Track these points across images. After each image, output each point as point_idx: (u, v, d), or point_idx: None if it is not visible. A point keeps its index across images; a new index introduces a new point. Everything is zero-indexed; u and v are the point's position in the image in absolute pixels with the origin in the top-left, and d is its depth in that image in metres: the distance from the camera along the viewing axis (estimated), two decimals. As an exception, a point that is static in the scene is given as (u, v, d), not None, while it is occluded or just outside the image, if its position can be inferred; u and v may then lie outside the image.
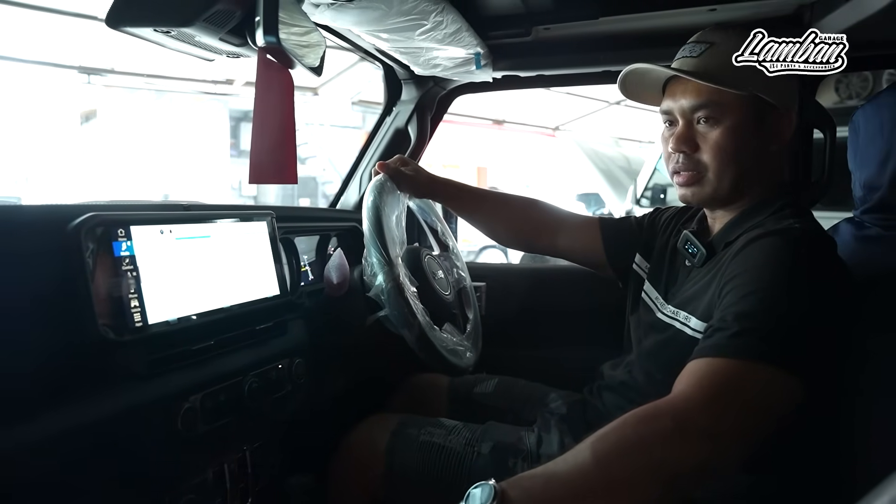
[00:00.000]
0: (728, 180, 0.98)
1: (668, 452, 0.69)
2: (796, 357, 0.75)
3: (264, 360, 1.07)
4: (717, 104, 0.96)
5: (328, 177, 9.68)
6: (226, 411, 0.96)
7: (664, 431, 0.70)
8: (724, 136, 0.96)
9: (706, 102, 0.97)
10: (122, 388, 0.83)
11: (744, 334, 0.77)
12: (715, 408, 0.72)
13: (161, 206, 1.01)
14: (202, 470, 0.99)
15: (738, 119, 0.96)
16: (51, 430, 0.74)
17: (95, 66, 5.20)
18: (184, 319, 0.93)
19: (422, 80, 1.71)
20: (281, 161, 0.99)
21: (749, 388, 0.74)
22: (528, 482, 0.69)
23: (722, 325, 0.80)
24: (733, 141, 0.96)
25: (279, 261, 1.16)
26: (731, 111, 0.96)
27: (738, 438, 0.72)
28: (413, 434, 1.16)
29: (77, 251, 0.79)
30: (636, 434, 0.70)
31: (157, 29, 0.88)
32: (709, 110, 0.97)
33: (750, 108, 0.96)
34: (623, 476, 0.68)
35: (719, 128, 0.97)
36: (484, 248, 6.46)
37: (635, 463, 0.69)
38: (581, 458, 0.70)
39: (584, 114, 7.62)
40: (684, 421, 0.70)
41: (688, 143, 0.99)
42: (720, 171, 0.98)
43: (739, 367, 0.75)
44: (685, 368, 0.79)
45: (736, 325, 0.78)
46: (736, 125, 0.96)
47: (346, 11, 1.09)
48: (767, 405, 0.74)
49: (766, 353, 0.75)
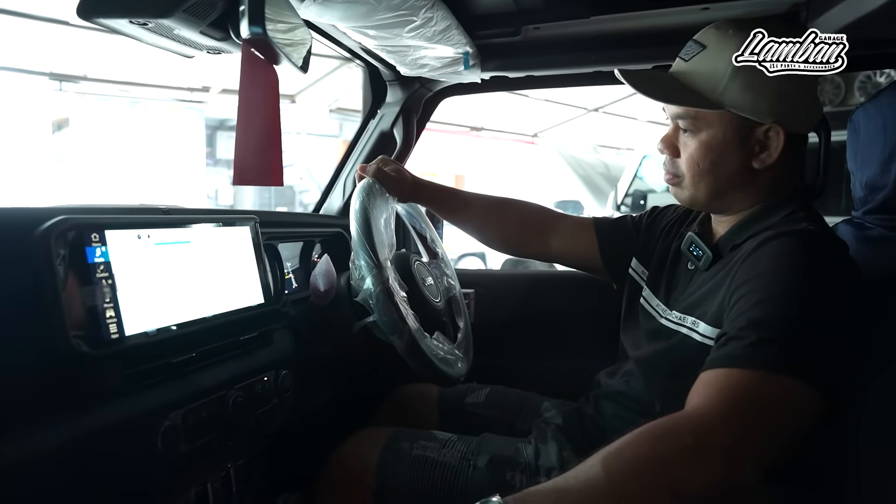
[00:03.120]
0: (703, 192, 0.97)
1: (687, 471, 0.65)
2: (815, 366, 0.72)
3: (249, 373, 1.01)
4: (693, 117, 0.94)
5: (305, 185, 9.61)
6: (209, 428, 0.90)
7: (683, 449, 0.66)
8: (698, 149, 0.95)
9: (683, 113, 0.95)
10: (97, 406, 0.76)
11: (760, 344, 0.73)
12: (735, 423, 0.68)
13: (138, 209, 0.95)
14: (184, 490, 0.93)
15: (714, 134, 0.93)
16: (19, 452, 0.67)
17: (67, 73, 5.09)
18: (163, 330, 0.86)
19: (408, 82, 1.67)
20: (266, 162, 0.95)
21: (769, 400, 0.71)
22: (537, 498, 0.65)
23: (736, 334, 0.76)
24: (707, 155, 0.94)
25: (263, 268, 1.10)
26: (708, 125, 0.94)
27: (759, 455, 0.69)
28: (405, 448, 1.11)
29: (47, 257, 0.73)
30: (653, 451, 0.67)
31: (133, 21, 0.83)
32: (687, 121, 0.95)
33: (729, 125, 0.93)
34: (638, 495, 0.65)
35: (695, 140, 0.95)
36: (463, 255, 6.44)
37: (652, 481, 0.65)
38: (593, 475, 0.66)
39: (562, 121, 7.65)
40: (704, 438, 0.67)
41: (670, 147, 1.00)
42: (694, 181, 0.97)
43: (758, 378, 0.72)
44: (699, 379, 0.75)
45: (752, 333, 0.75)
46: (710, 140, 0.94)
47: (333, 6, 1.05)
48: (788, 418, 0.71)
49: (785, 364, 0.72)
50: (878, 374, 0.82)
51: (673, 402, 0.76)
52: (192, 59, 1.01)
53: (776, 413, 0.71)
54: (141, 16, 0.81)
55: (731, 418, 0.69)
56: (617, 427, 1.04)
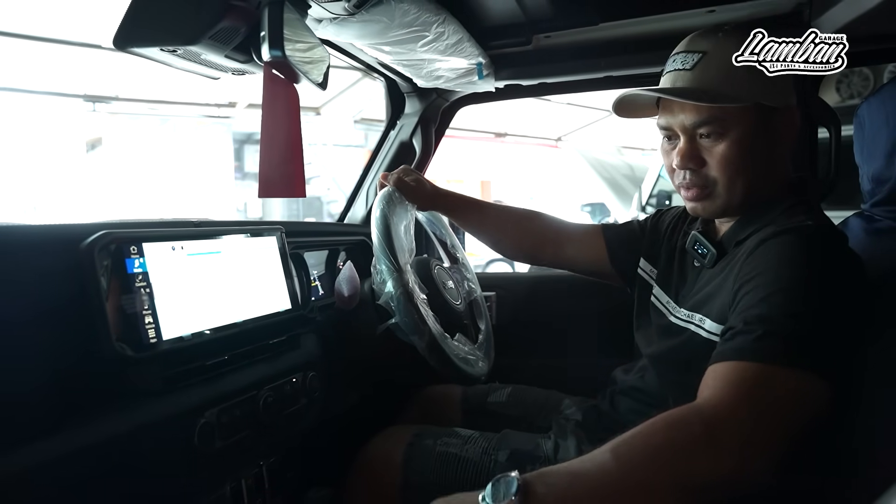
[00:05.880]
0: (739, 191, 0.96)
1: (697, 461, 0.67)
2: (822, 358, 0.73)
3: (278, 375, 1.07)
4: (720, 119, 0.93)
5: (333, 196, 9.70)
6: (241, 426, 0.96)
7: (693, 438, 0.68)
8: (731, 148, 0.94)
9: (708, 119, 0.93)
10: (138, 405, 0.83)
11: (768, 337, 0.74)
12: (745, 415, 0.69)
13: (172, 223, 1.02)
14: (219, 486, 0.99)
15: (743, 129, 0.93)
16: (66, 448, 0.73)
17: (100, 94, 5.25)
18: (197, 335, 0.93)
19: (425, 93, 1.73)
20: (289, 175, 1.00)
21: (777, 393, 0.72)
22: (553, 478, 0.68)
23: (743, 328, 0.77)
24: (740, 152, 0.94)
25: (290, 275, 1.16)
26: (735, 123, 0.93)
27: (768, 447, 0.69)
28: (429, 445, 1.15)
29: (91, 268, 0.80)
30: (664, 440, 0.69)
31: (164, 48, 0.90)
32: (712, 126, 0.94)
33: (753, 116, 0.93)
34: (647, 481, 0.67)
35: (725, 141, 0.94)
36: (491, 261, 6.46)
37: (661, 469, 0.67)
38: (605, 461, 0.68)
39: (585, 123, 7.63)
40: (714, 428, 0.68)
41: (693, 159, 0.96)
42: (730, 183, 0.96)
43: (767, 371, 0.73)
44: (708, 372, 0.77)
45: (759, 327, 0.76)
46: (742, 136, 0.93)
47: (349, 25, 1.11)
48: (796, 410, 0.72)
49: (793, 357, 0.73)
50: (886, 365, 0.83)
51: (685, 396, 0.77)
52: (218, 80, 1.07)
53: (785, 405, 0.71)
54: (171, 44, 0.88)
55: (742, 409, 0.70)
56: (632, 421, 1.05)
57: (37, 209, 6.80)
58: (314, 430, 1.19)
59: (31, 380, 0.74)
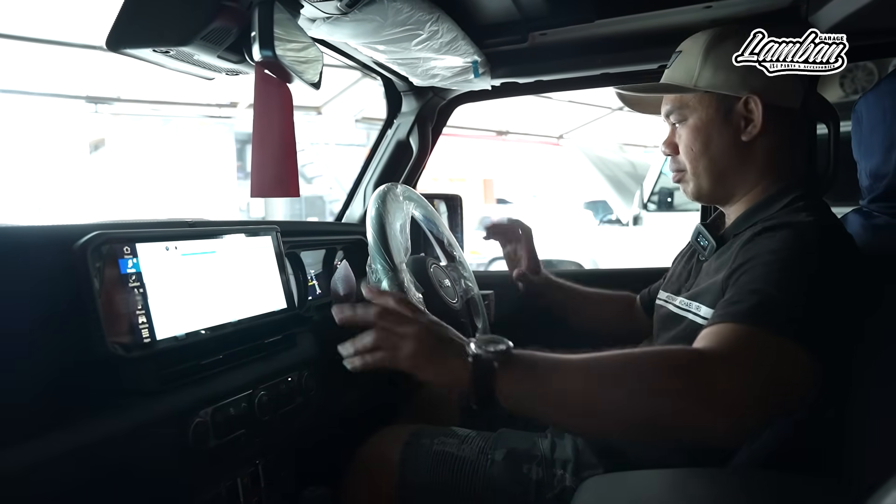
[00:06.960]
0: (705, 177, 1.05)
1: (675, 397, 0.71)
2: (814, 337, 0.75)
3: (273, 374, 1.07)
4: (679, 107, 1.05)
5: (335, 195, 9.71)
6: (236, 425, 0.96)
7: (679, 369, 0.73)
8: (689, 133, 1.04)
9: (672, 107, 1.07)
10: (132, 405, 0.83)
11: (763, 306, 0.77)
12: (736, 370, 0.72)
13: (166, 223, 1.02)
14: (215, 485, 0.99)
15: (699, 116, 1.03)
16: (60, 448, 0.73)
17: (102, 96, 5.27)
18: (192, 334, 0.93)
19: (421, 91, 1.72)
20: (282, 174, 1.00)
21: (767, 356, 0.74)
22: (539, 360, 0.78)
23: (739, 298, 0.80)
24: (697, 137, 1.03)
25: (285, 274, 1.17)
26: (692, 111, 1.04)
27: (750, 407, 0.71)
28: (426, 444, 1.16)
29: (84, 269, 0.80)
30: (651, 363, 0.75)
31: (157, 49, 0.90)
32: (676, 114, 1.06)
33: (710, 105, 1.02)
34: (620, 398, 0.73)
35: (685, 128, 1.05)
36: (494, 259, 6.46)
37: (637, 394, 0.73)
38: (589, 362, 0.76)
39: (587, 121, 7.64)
40: (703, 374, 0.71)
41: (670, 146, 1.09)
42: (694, 167, 1.05)
43: (760, 336, 0.75)
44: (703, 333, 0.80)
45: (754, 298, 0.78)
46: (697, 123, 1.03)
47: (343, 25, 1.10)
48: (784, 379, 0.74)
49: (785, 327, 0.75)
50: (882, 358, 0.83)
51: None
52: (213, 80, 1.07)
53: (773, 370, 0.73)
54: (163, 45, 0.88)
55: (732, 364, 0.72)
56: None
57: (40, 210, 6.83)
58: (311, 430, 1.19)
59: (25, 380, 0.75)
